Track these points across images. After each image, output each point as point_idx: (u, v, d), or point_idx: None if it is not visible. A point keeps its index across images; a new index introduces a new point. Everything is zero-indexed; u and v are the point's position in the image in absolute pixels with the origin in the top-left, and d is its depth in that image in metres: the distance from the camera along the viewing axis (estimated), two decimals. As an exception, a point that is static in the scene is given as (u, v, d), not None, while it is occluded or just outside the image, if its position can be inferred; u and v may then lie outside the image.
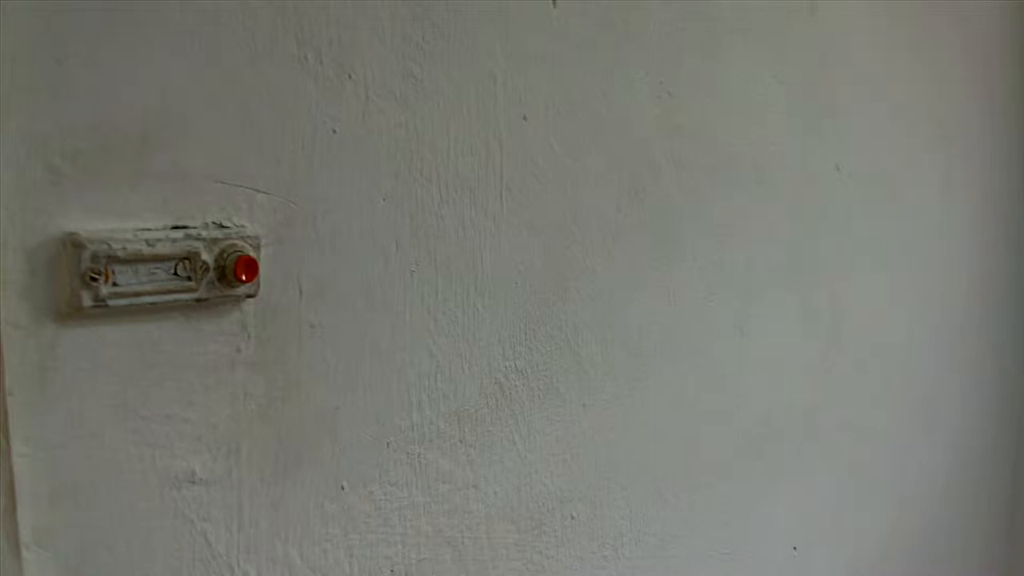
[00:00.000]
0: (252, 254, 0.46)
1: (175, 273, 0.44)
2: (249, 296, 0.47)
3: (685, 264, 0.73)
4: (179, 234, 0.44)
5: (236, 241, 0.46)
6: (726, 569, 0.78)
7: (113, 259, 0.42)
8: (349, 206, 0.51)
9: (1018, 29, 1.10)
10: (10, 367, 0.40)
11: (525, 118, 0.59)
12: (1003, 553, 1.26)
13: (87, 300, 0.41)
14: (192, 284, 0.45)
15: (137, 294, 0.43)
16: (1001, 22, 1.08)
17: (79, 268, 0.41)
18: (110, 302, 0.42)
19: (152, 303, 0.44)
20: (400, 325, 0.55)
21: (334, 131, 0.50)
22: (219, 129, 0.46)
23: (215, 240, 0.45)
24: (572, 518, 0.66)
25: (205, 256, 0.45)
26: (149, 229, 0.44)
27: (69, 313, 0.42)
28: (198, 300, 0.45)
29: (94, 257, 0.41)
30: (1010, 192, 1.14)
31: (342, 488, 0.53)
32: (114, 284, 0.42)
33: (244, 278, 0.46)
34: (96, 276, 0.41)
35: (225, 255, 0.45)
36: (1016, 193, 1.15)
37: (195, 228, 0.45)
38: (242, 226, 0.47)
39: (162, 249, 0.43)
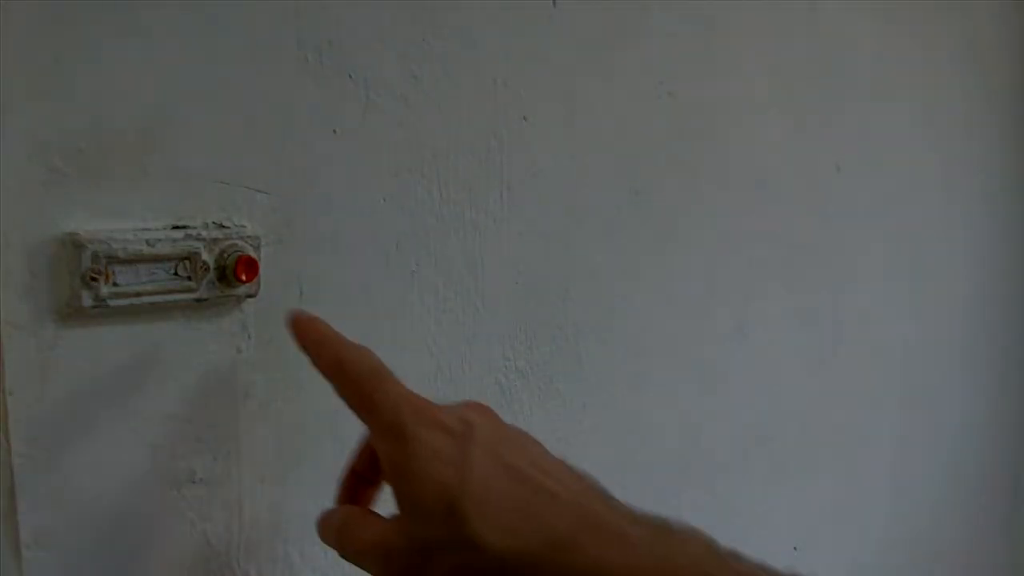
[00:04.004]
0: (252, 254, 0.46)
1: (175, 273, 0.44)
2: (249, 296, 0.47)
3: (685, 264, 0.73)
4: (179, 234, 0.44)
5: (236, 241, 0.46)
6: (726, 569, 0.78)
7: (113, 259, 0.42)
8: (349, 206, 0.51)
9: (1018, 29, 1.10)
10: (10, 367, 0.40)
11: (525, 118, 0.59)
12: (1005, 554, 1.26)
13: (87, 300, 0.41)
14: (192, 284, 0.45)
15: (137, 294, 0.43)
16: (1001, 22, 1.08)
17: (79, 268, 0.41)
18: (110, 302, 0.42)
19: (152, 303, 0.44)
20: (400, 325, 0.55)
21: (334, 131, 0.50)
22: (219, 129, 0.46)
23: (215, 240, 0.45)
24: (572, 518, 0.66)
25: (205, 256, 0.45)
26: (149, 229, 0.44)
27: (69, 313, 0.42)
28: (198, 300, 0.45)
29: (94, 257, 0.41)
30: (1010, 192, 1.14)
31: (342, 488, 0.53)
32: (114, 284, 0.42)
33: (244, 278, 0.46)
34: (96, 276, 0.41)
35: (225, 255, 0.45)
36: (1016, 193, 1.15)
37: (195, 228, 0.45)
38: (242, 226, 0.47)
39: (162, 249, 0.43)
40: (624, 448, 0.70)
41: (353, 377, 0.39)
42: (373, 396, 0.38)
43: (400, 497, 0.36)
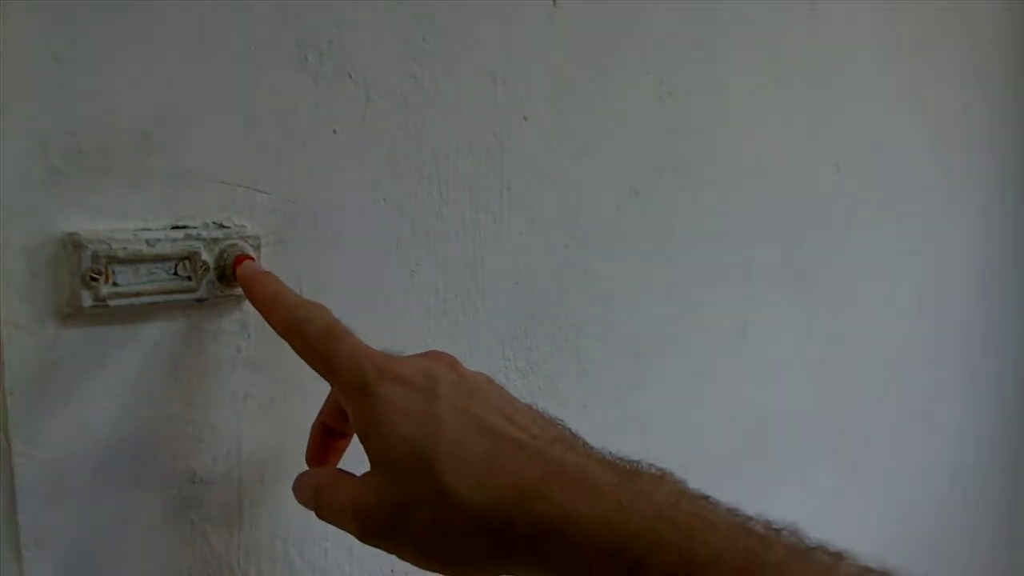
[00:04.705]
0: (252, 254, 0.46)
1: (175, 273, 0.44)
2: (249, 296, 0.47)
3: (685, 264, 0.73)
4: (179, 234, 0.44)
5: (236, 241, 0.46)
6: (726, 569, 0.78)
7: (113, 259, 0.42)
8: (349, 206, 0.51)
9: (1018, 29, 1.10)
10: (10, 367, 0.40)
11: (525, 118, 0.60)
12: (1004, 554, 1.26)
13: (87, 300, 0.41)
14: (192, 284, 0.45)
15: (137, 294, 0.43)
16: (1001, 22, 1.08)
17: (79, 268, 0.41)
18: (110, 302, 0.42)
19: (152, 303, 0.44)
20: (400, 325, 0.55)
21: (334, 131, 0.50)
22: (219, 129, 0.46)
23: (215, 240, 0.45)
24: (572, 518, 0.66)
25: (205, 256, 0.45)
26: (149, 229, 0.44)
27: (69, 313, 0.42)
28: (198, 300, 0.45)
29: (94, 257, 0.41)
30: (1011, 192, 1.14)
31: (342, 488, 0.53)
32: (114, 284, 0.42)
33: (244, 278, 0.45)
34: (96, 276, 0.41)
35: (225, 255, 0.45)
36: (1017, 193, 1.15)
37: (195, 228, 0.45)
38: (242, 226, 0.47)
39: (162, 249, 0.43)
40: (624, 448, 0.69)
41: (310, 337, 0.39)
42: (333, 356, 0.38)
43: (371, 455, 0.37)
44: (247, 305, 0.48)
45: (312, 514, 0.41)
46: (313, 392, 0.51)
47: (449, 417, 0.36)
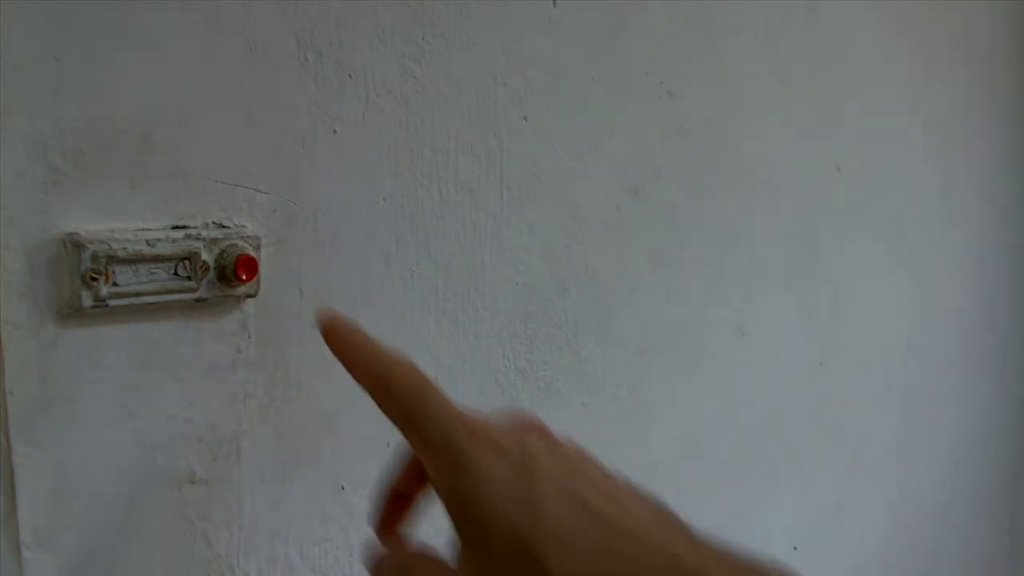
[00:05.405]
0: (252, 254, 0.46)
1: (175, 273, 0.44)
2: (249, 296, 0.47)
3: (685, 264, 0.73)
4: (179, 234, 0.44)
5: (236, 241, 0.46)
6: (726, 569, 0.78)
7: (113, 259, 0.42)
8: (349, 206, 0.51)
9: (1018, 29, 1.10)
10: (10, 367, 0.40)
11: (525, 118, 0.60)
12: (1005, 554, 1.26)
13: (87, 300, 0.41)
14: (192, 284, 0.45)
15: (137, 294, 0.43)
16: (1001, 23, 1.08)
17: (79, 268, 0.41)
18: (110, 302, 0.42)
19: (152, 303, 0.44)
20: (400, 325, 0.55)
21: (334, 131, 0.50)
22: (219, 129, 0.46)
23: (215, 240, 0.45)
24: (572, 518, 0.66)
25: (205, 256, 0.45)
26: (149, 229, 0.44)
27: (69, 313, 0.42)
28: (198, 300, 0.45)
29: (94, 257, 0.41)
30: (1011, 192, 1.14)
31: (342, 488, 0.53)
32: (114, 284, 0.42)
33: (244, 277, 0.46)
34: (96, 276, 0.41)
35: (225, 255, 0.45)
36: (1017, 193, 1.15)
37: (195, 228, 0.45)
38: (242, 226, 0.47)
39: (162, 249, 0.43)
40: (624, 448, 0.70)
41: (396, 393, 0.37)
42: (418, 414, 0.36)
43: (465, 535, 0.34)
44: (247, 305, 0.48)
45: (312, 514, 0.41)
46: (313, 392, 0.51)
47: (552, 498, 0.33)
